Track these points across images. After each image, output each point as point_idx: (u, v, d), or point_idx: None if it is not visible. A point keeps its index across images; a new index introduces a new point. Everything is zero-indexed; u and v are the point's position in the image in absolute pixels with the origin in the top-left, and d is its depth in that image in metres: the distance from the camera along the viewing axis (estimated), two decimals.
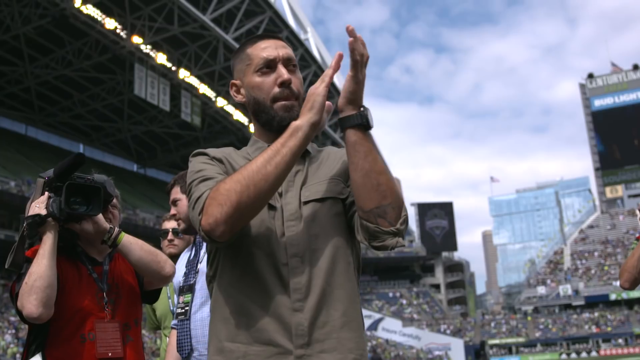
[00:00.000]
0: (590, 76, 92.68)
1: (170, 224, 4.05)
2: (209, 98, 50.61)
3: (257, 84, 1.93)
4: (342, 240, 1.89)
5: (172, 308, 3.88)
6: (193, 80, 47.74)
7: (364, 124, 1.77)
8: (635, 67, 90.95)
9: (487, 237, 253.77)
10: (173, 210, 3.68)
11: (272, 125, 1.94)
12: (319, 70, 52.09)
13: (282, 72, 1.92)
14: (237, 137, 58.43)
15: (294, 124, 1.76)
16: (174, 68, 46.08)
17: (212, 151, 2.00)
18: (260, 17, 45.28)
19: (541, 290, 70.99)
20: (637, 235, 4.05)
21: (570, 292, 68.15)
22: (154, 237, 2.95)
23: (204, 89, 49.11)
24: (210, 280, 1.96)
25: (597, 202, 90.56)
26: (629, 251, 3.91)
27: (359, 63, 1.73)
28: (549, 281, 72.72)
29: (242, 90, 2.01)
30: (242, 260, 1.83)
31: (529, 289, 73.53)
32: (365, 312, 56.35)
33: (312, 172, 1.95)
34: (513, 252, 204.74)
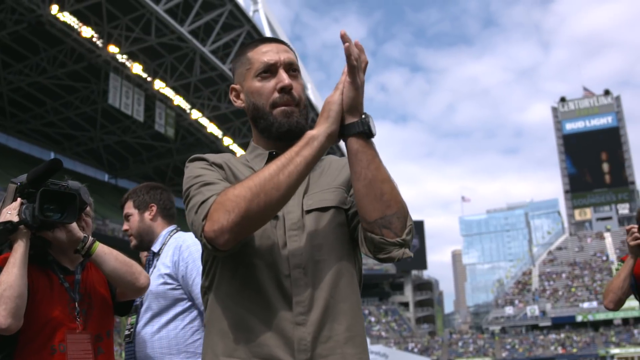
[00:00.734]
0: (563, 100, 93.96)
1: None
2: (184, 110, 50.33)
3: (257, 89, 1.87)
4: (345, 252, 1.83)
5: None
6: (168, 92, 47.45)
7: (365, 132, 1.71)
8: (607, 93, 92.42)
9: (456, 257, 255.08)
10: (125, 226, 3.60)
11: (270, 132, 1.88)
12: None
13: (283, 77, 1.85)
14: (210, 150, 58.04)
15: (310, 133, 1.70)
16: (149, 79, 45.78)
17: (211, 156, 1.91)
18: (238, 31, 45.28)
19: (509, 310, 71.38)
20: (622, 256, 4.10)
21: (537, 312, 68.63)
22: (123, 248, 2.86)
23: (178, 100, 48.83)
24: (205, 291, 1.87)
25: (566, 224, 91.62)
26: (614, 272, 3.95)
27: (355, 68, 1.67)
28: (516, 301, 73.14)
29: (242, 96, 1.95)
30: (241, 271, 1.75)
31: (497, 309, 73.92)
32: None
33: (314, 180, 1.89)
34: (482, 271, 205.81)
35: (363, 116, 1.72)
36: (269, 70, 1.87)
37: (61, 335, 2.55)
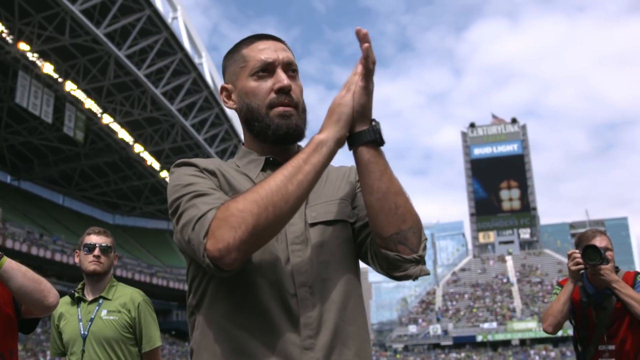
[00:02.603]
0: (472, 125, 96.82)
1: (98, 239, 3.83)
2: (95, 114, 49.15)
3: (252, 89, 1.70)
4: (353, 270, 1.69)
5: (82, 332, 3.67)
6: (79, 94, 46.27)
7: (377, 140, 1.58)
8: (514, 121, 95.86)
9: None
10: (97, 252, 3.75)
11: (266, 135, 1.70)
12: (210, 96, 51.80)
13: (282, 77, 1.68)
14: (120, 157, 56.97)
15: (318, 137, 1.53)
16: (60, 79, 44.52)
17: (201, 161, 1.69)
18: (155, 37, 44.66)
19: (412, 329, 72.49)
20: (560, 280, 4.14)
21: (439, 332, 69.96)
22: (21, 253, 2.64)
23: (90, 104, 47.68)
24: (193, 310, 1.68)
25: (470, 247, 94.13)
26: (552, 296, 3.98)
27: (371, 72, 1.54)
28: (420, 320, 74.37)
29: (234, 96, 1.78)
30: (241, 289, 1.57)
31: (401, 327, 74.94)
32: None
33: (314, 190, 1.67)
34: (387, 290, 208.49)
35: (373, 123, 1.59)
36: (266, 70, 1.70)
37: None
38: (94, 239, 3.84)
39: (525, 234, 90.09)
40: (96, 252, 3.80)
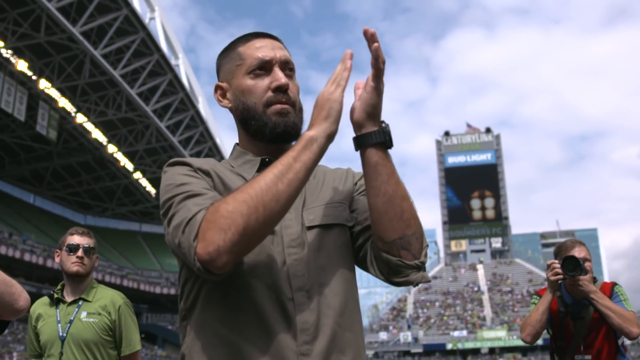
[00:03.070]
0: (447, 134, 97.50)
1: (82, 240, 3.76)
2: (69, 113, 48.66)
3: (249, 87, 1.66)
4: (350, 275, 1.66)
5: (61, 334, 3.58)
6: (53, 93, 45.76)
7: (386, 142, 1.56)
8: (488, 130, 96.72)
9: None
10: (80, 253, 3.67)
11: (264, 134, 1.66)
12: (185, 98, 51.58)
13: (279, 75, 1.65)
14: (93, 157, 56.46)
15: (308, 134, 1.49)
16: (34, 77, 44.01)
17: (195, 161, 1.64)
18: (132, 37, 44.36)
19: (383, 335, 72.62)
20: (538, 290, 4.19)
21: (410, 339, 70.18)
22: None
23: (64, 102, 47.18)
24: (185, 315, 1.63)
25: (442, 254, 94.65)
26: (531, 306, 4.03)
27: (382, 72, 1.52)
28: (391, 327, 74.56)
29: (229, 95, 1.73)
30: (236, 292, 1.52)
31: (372, 334, 75.02)
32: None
33: (310, 191, 1.69)
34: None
35: (383, 125, 1.57)
36: (264, 68, 1.67)
37: None
38: (77, 239, 3.77)
39: (496, 243, 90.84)
40: (79, 253, 3.73)
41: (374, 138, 1.55)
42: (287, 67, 1.69)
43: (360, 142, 1.56)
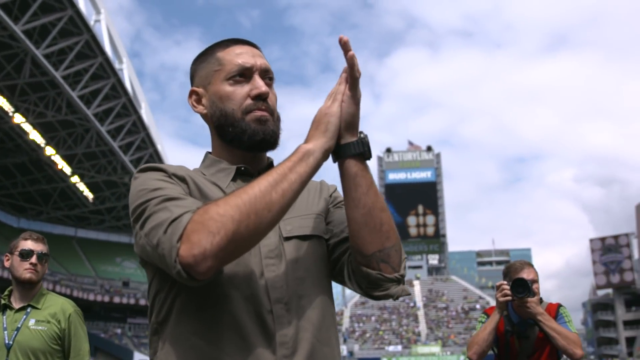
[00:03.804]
0: (388, 150, 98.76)
1: (36, 246, 3.62)
2: (6, 112, 47.37)
3: (228, 93, 1.62)
4: (328, 288, 1.63)
5: (7, 341, 3.45)
6: None
7: (365, 153, 1.53)
8: (429, 149, 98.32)
9: None
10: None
11: (241, 141, 1.61)
12: (128, 103, 50.88)
13: (260, 83, 1.62)
14: (30, 158, 55.13)
15: (305, 147, 1.47)
16: None
17: (169, 167, 1.57)
18: (76, 38, 43.57)
19: None
20: (486, 308, 4.26)
21: (345, 352, 70.40)
22: None
23: (1, 101, 45.95)
24: (157, 328, 1.55)
25: None
26: (478, 324, 4.10)
27: (358, 80, 1.51)
28: None
29: (204, 100, 1.68)
30: (213, 304, 1.46)
31: None
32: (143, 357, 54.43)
33: None
34: None
35: (362, 135, 1.55)
36: (244, 75, 1.63)
37: None
38: (30, 244, 3.63)
39: (433, 259, 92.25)
40: (33, 259, 3.59)
41: (353, 149, 1.53)
42: (266, 75, 1.67)
43: (339, 153, 1.54)
